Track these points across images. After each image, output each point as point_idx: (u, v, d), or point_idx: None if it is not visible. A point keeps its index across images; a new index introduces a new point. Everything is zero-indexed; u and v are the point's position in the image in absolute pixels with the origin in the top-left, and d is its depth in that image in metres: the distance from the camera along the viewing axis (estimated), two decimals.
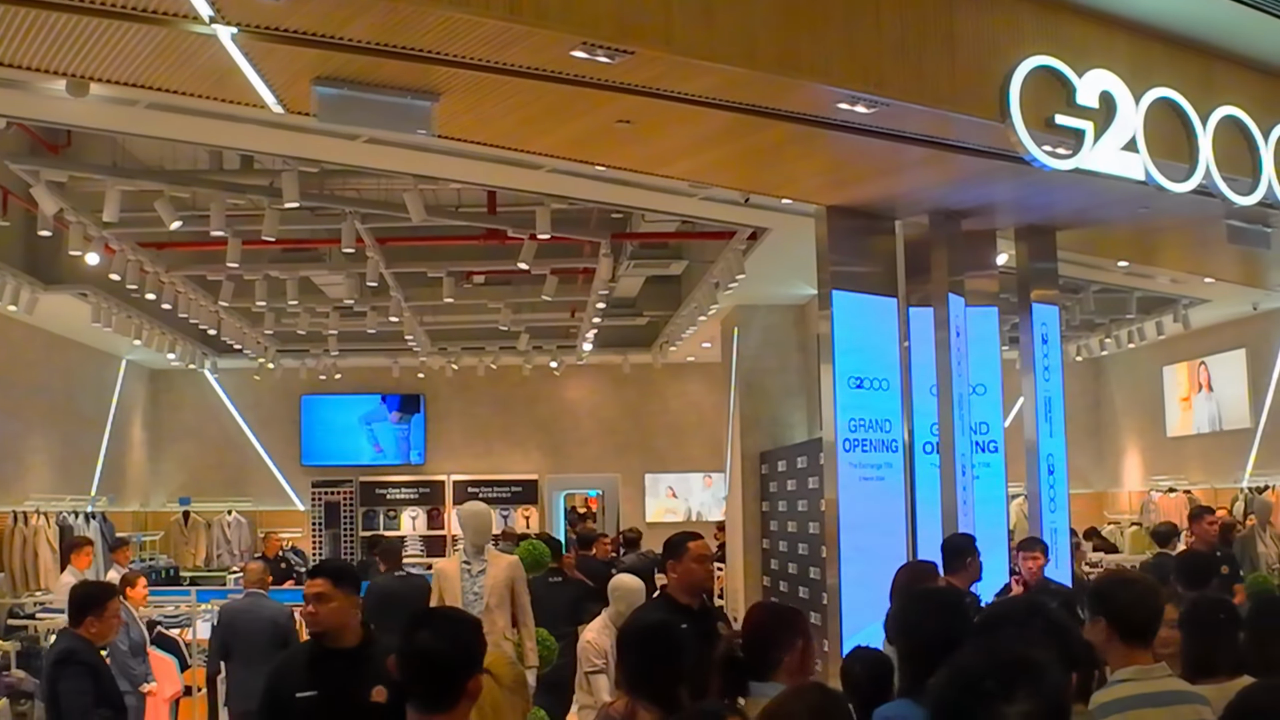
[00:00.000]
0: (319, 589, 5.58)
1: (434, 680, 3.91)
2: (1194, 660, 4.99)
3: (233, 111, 8.65)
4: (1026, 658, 2.60)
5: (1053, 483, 11.77)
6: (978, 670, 2.56)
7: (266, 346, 21.82)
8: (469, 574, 9.69)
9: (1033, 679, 2.52)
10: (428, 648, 3.95)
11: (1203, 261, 15.21)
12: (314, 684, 5.41)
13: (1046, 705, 2.50)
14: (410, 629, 4.07)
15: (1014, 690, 2.48)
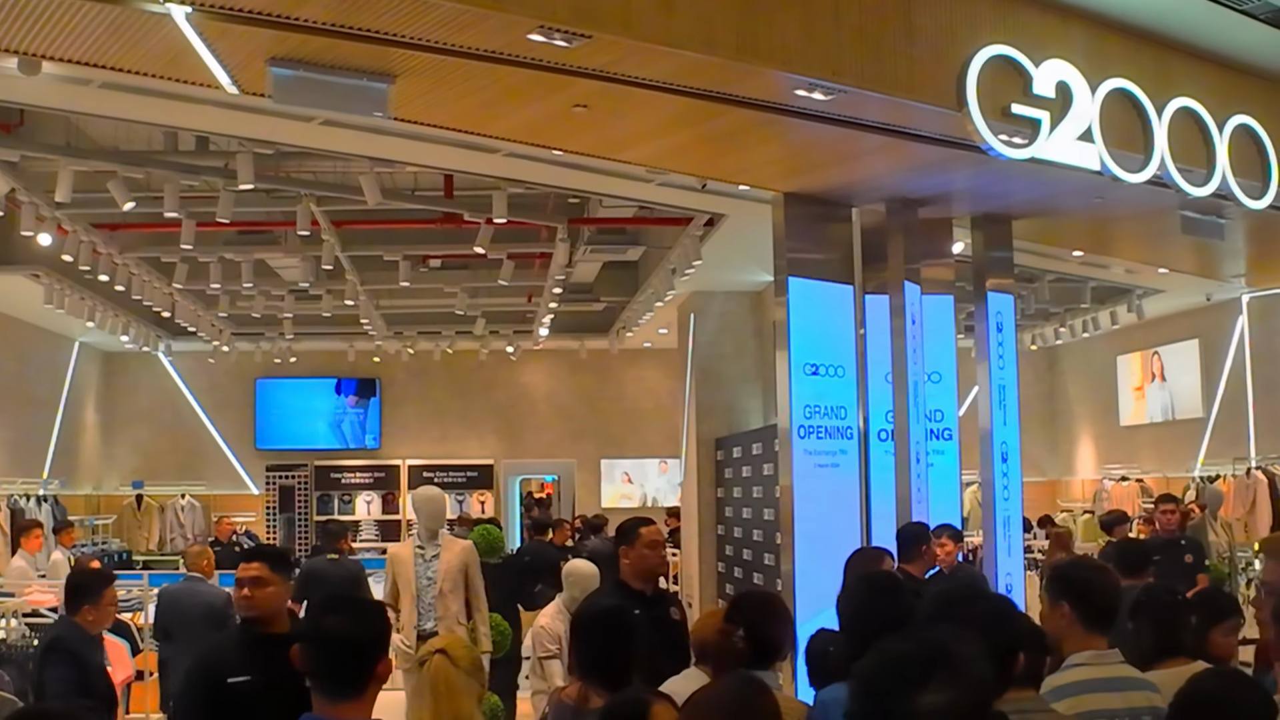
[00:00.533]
0: (255, 573, 5.52)
1: (340, 665, 3.86)
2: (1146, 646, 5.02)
3: (187, 92, 8.57)
4: (948, 648, 2.60)
5: (1006, 471, 11.82)
6: (899, 657, 2.57)
7: (221, 329, 21.67)
8: (423, 559, 9.68)
9: (952, 670, 2.53)
10: (333, 633, 3.91)
11: (1157, 252, 15.30)
12: (247, 669, 5.31)
13: (963, 696, 2.50)
14: (316, 615, 4.04)
15: (930, 678, 2.49)
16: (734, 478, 16.09)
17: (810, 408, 10.95)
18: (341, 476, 25.50)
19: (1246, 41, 10.30)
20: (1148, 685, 4.48)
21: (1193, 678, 3.54)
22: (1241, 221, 12.23)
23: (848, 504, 11.11)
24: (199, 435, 25.16)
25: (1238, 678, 3.52)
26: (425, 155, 11.03)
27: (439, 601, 9.59)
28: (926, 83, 8.53)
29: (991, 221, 12.03)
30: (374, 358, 24.08)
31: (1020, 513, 12.14)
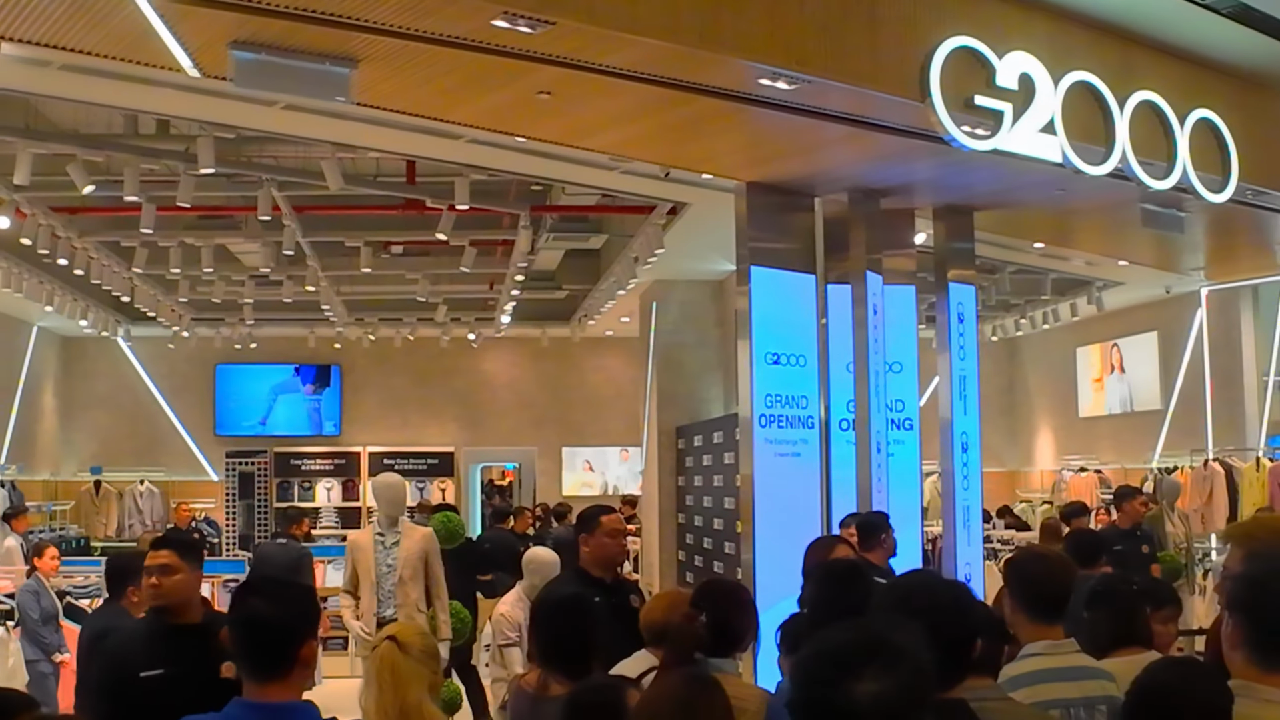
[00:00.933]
0: (163, 560, 5.40)
1: (265, 647, 3.85)
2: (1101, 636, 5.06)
3: (148, 75, 8.51)
4: (886, 637, 2.61)
5: (966, 461, 11.87)
6: (834, 645, 2.58)
7: (181, 315, 21.53)
8: (382, 546, 9.66)
9: (889, 658, 2.53)
10: (257, 613, 3.90)
11: (1117, 245, 15.39)
12: (159, 662, 5.21)
13: (901, 685, 2.51)
14: (241, 596, 4.02)
15: (866, 668, 2.50)
16: (695, 466, 16.11)
17: (771, 397, 10.96)
18: (302, 463, 25.39)
19: (1209, 36, 10.35)
20: (1103, 675, 4.50)
21: (1148, 667, 3.56)
22: (1201, 215, 12.31)
23: (808, 493, 11.14)
24: (158, 421, 25.01)
25: (1193, 667, 3.55)
26: (387, 141, 10.98)
27: (399, 589, 9.56)
28: (890, 73, 8.54)
29: (953, 212, 12.06)
30: (335, 344, 23.98)
31: (980, 502, 12.20)
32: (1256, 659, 3.67)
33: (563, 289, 20.95)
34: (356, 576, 9.72)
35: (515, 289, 18.49)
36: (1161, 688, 3.39)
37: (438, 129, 9.93)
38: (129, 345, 24.36)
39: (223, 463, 24.90)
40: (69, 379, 24.75)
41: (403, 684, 4.39)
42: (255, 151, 13.28)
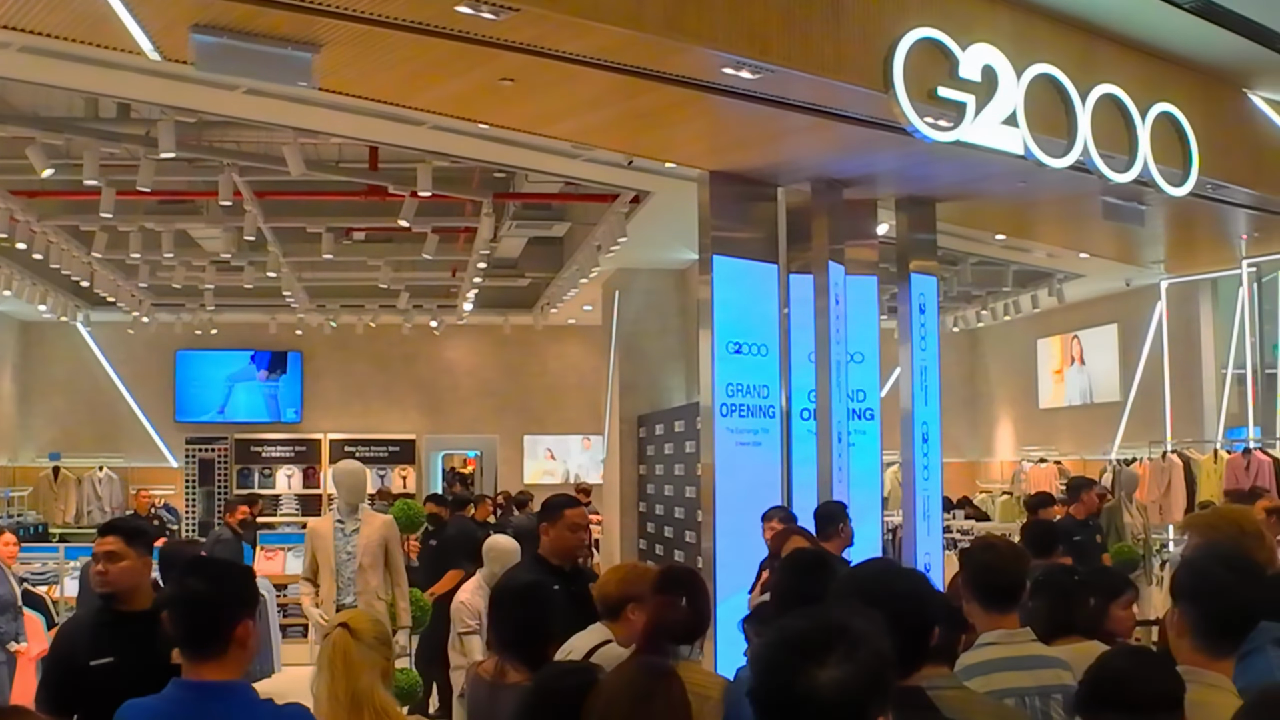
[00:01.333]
0: (110, 547, 5.33)
1: (197, 625, 3.86)
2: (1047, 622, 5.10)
3: (109, 58, 8.46)
4: (845, 624, 2.61)
5: (927, 451, 11.91)
6: (795, 633, 2.58)
7: (141, 300, 21.40)
8: (342, 533, 9.61)
9: (849, 645, 2.53)
10: (191, 592, 3.93)
11: (1078, 237, 15.47)
12: (108, 650, 5.14)
13: (860, 671, 2.51)
14: (179, 575, 4.02)
15: (827, 654, 2.50)
16: (656, 455, 16.12)
17: (733, 386, 10.98)
18: (262, 450, 25.30)
19: (1171, 30, 10.40)
20: (1059, 663, 4.53)
21: (1102, 655, 3.58)
22: (1162, 208, 12.38)
23: (769, 482, 11.15)
24: (117, 407, 24.86)
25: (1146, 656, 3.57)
26: (350, 126, 10.94)
27: (358, 576, 9.53)
28: (853, 64, 8.55)
29: (916, 204, 12.10)
30: (296, 330, 23.87)
31: (940, 493, 12.25)
32: (1203, 646, 3.73)
33: (525, 277, 20.91)
34: (316, 564, 9.67)
35: (478, 276, 18.46)
36: (1114, 676, 3.41)
37: (400, 115, 9.89)
38: (88, 330, 24.19)
39: (183, 449, 24.78)
40: (28, 364, 24.58)
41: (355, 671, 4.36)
42: (217, 136, 13.19)
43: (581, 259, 16.45)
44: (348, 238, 18.67)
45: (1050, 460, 21.00)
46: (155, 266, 18.85)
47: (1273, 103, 12.20)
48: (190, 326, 23.17)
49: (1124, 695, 3.33)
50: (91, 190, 13.14)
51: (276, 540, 16.40)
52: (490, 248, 16.85)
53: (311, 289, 21.10)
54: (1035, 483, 19.73)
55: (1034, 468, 21.05)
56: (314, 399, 25.51)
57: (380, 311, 22.78)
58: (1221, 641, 3.77)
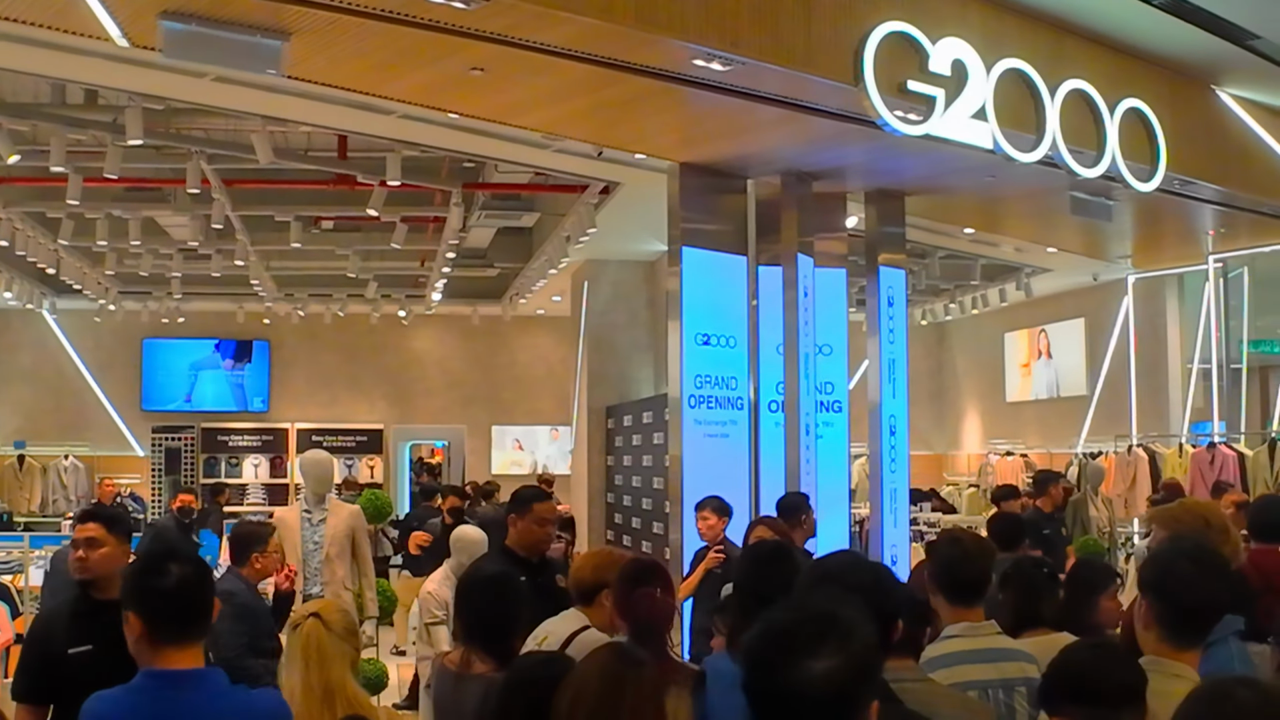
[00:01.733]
0: (90, 533, 5.33)
1: (193, 611, 3.90)
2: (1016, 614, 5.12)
3: (76, 44, 8.40)
4: (835, 614, 2.62)
5: (894, 443, 11.95)
6: (787, 625, 2.58)
7: (107, 288, 21.29)
8: (309, 523, 9.59)
9: (840, 635, 2.54)
10: (182, 579, 3.92)
11: (1046, 232, 15.53)
12: (87, 638, 5.10)
13: (852, 661, 2.52)
14: (160, 562, 4.02)
15: (821, 645, 2.51)
16: (624, 446, 16.12)
17: (701, 378, 10.99)
18: (229, 439, 25.18)
19: (1140, 26, 10.45)
20: (1023, 656, 4.55)
21: (1065, 649, 3.61)
22: (1129, 204, 12.44)
23: (737, 474, 11.18)
24: (83, 395, 24.70)
25: (1109, 650, 3.60)
26: (319, 115, 10.89)
27: (325, 566, 9.50)
28: (823, 57, 8.56)
29: (885, 197, 12.12)
30: (264, 319, 23.78)
31: (907, 485, 12.29)
32: (1168, 637, 3.76)
33: (494, 267, 20.87)
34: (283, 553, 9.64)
35: (446, 266, 18.42)
36: (1076, 669, 3.43)
37: (370, 104, 9.86)
38: (54, 318, 24.03)
39: (149, 438, 24.65)
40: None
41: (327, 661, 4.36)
42: (184, 123, 13.13)
43: (550, 250, 16.43)
44: (316, 226, 18.60)
45: (1017, 453, 21.09)
46: (122, 254, 18.75)
47: (1240, 100, 12.27)
48: (157, 315, 23.05)
49: (1086, 688, 3.36)
50: (58, 177, 13.06)
51: None
52: (459, 238, 16.81)
53: (279, 278, 21.03)
54: (1002, 475, 19.81)
55: (1000, 460, 21.12)
56: (281, 388, 25.40)
57: (348, 301, 22.72)
58: (1187, 634, 3.81)
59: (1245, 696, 2.64)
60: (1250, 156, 12.50)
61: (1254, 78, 11.71)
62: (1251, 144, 12.48)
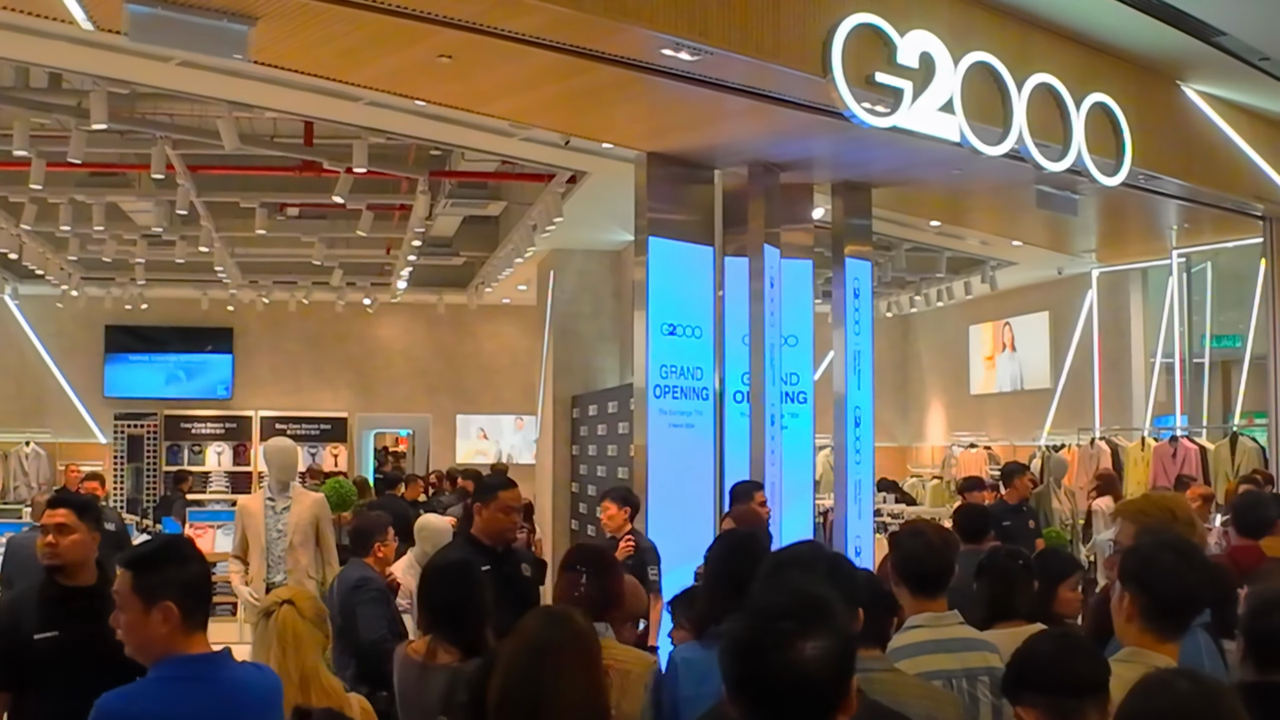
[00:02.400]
0: (61, 519, 5.32)
1: (202, 604, 3.99)
2: (990, 606, 5.14)
3: (40, 26, 8.35)
4: (820, 597, 2.63)
5: (859, 435, 11.97)
6: (775, 610, 2.58)
7: (70, 273, 21.16)
8: (273, 511, 9.57)
9: (826, 618, 2.56)
10: (202, 574, 4.05)
11: (1012, 225, 15.59)
12: (53, 624, 5.13)
13: (838, 641, 2.54)
14: (182, 556, 4.08)
15: (810, 627, 2.51)
16: (589, 435, 16.12)
17: (667, 368, 10.98)
18: (192, 426, 25.06)
19: (1106, 21, 10.49)
20: (986, 646, 4.58)
21: (1029, 639, 3.63)
22: (1094, 198, 12.50)
23: (702, 464, 11.17)
24: (44, 382, 24.53)
25: (1073, 640, 3.62)
26: (285, 101, 10.85)
27: (289, 554, 9.48)
28: (792, 48, 8.56)
29: (852, 189, 12.13)
30: (228, 306, 23.69)
31: (872, 477, 12.32)
32: (1150, 629, 3.79)
33: (460, 256, 20.82)
34: (246, 541, 9.62)
35: (412, 254, 18.38)
36: (1040, 659, 3.45)
37: (336, 90, 9.83)
38: (16, 304, 23.86)
39: (111, 425, 24.51)
40: None
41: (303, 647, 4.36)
42: (149, 108, 13.05)
43: (517, 239, 16.41)
44: (281, 213, 18.53)
45: (980, 446, 21.16)
46: (85, 240, 18.63)
47: (1206, 96, 12.33)
48: (120, 301, 22.91)
49: (1048, 678, 3.38)
50: (21, 161, 12.97)
51: (206, 518, 16.25)
52: (425, 226, 16.77)
53: (244, 265, 20.93)
54: (965, 468, 19.88)
55: (964, 453, 21.20)
56: (245, 376, 25.28)
57: (313, 289, 22.64)
58: (1168, 625, 3.83)
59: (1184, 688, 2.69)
60: (1215, 152, 12.57)
61: (1220, 74, 11.76)
62: (1216, 140, 12.54)
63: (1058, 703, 3.34)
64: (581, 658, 3.59)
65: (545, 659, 3.52)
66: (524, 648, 3.57)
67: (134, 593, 3.86)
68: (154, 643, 3.83)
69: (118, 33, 7.55)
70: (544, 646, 3.55)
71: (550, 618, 3.73)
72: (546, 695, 3.45)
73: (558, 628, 3.63)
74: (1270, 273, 14.25)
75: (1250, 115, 12.89)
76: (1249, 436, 15.82)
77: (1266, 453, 14.90)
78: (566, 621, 3.69)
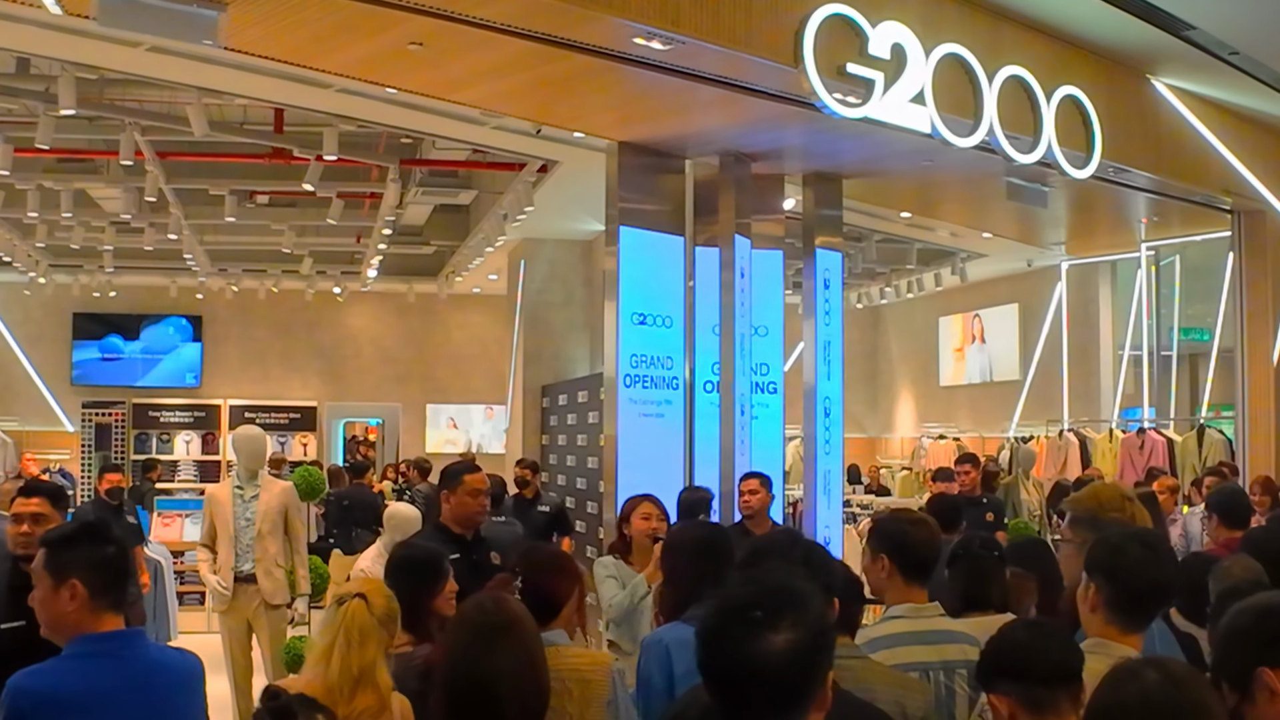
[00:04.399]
0: (35, 508, 5.35)
1: (122, 587, 4.07)
2: (962, 595, 5.15)
3: (7, 10, 8.30)
4: (791, 586, 2.63)
5: (829, 425, 11.99)
6: (744, 600, 2.58)
7: (38, 260, 21.03)
8: (241, 499, 9.53)
9: (797, 607, 2.55)
10: (120, 556, 4.09)
11: (982, 217, 15.64)
12: (20, 614, 4.89)
13: (810, 633, 2.53)
14: (100, 531, 4.12)
15: (780, 618, 2.51)
16: (559, 425, 16.12)
17: (637, 357, 10.98)
18: (160, 415, 24.94)
19: (1077, 14, 10.52)
20: (965, 638, 4.56)
21: (1003, 627, 3.63)
22: (1064, 190, 12.55)
23: (672, 453, 11.18)
24: (11, 369, 24.37)
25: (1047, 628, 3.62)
26: (255, 87, 10.81)
27: (257, 543, 9.44)
28: (764, 38, 8.56)
29: (823, 180, 12.15)
30: (196, 294, 23.59)
31: (841, 467, 12.35)
32: (1115, 620, 3.80)
33: (431, 244, 20.78)
34: (214, 530, 9.58)
35: (382, 243, 18.33)
36: (1013, 647, 3.46)
37: (307, 77, 9.80)
38: None
39: (78, 413, 24.38)
40: None
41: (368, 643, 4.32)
42: (118, 94, 12.97)
43: (487, 228, 16.39)
44: (251, 201, 18.44)
45: (950, 437, 21.24)
46: (53, 226, 18.52)
47: (1175, 89, 12.38)
48: (88, 288, 22.79)
49: (1022, 666, 3.38)
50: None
51: (174, 506, 16.20)
52: (396, 214, 16.74)
53: (213, 252, 20.82)
54: (934, 459, 19.94)
55: (934, 444, 21.26)
56: (214, 364, 25.16)
57: (283, 277, 22.57)
58: (1134, 616, 3.85)
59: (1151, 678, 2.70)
60: (1184, 146, 12.62)
61: (1189, 68, 11.81)
62: (1185, 133, 12.59)
63: (1030, 691, 3.34)
64: (519, 637, 3.69)
65: (485, 642, 3.62)
66: (464, 633, 3.62)
67: (45, 569, 3.96)
68: (63, 620, 3.91)
69: (86, 17, 7.50)
70: (482, 630, 3.64)
71: (483, 604, 3.83)
72: (490, 675, 3.54)
73: (493, 613, 3.73)
74: (1238, 266, 14.31)
75: (1220, 109, 12.94)
76: (1216, 429, 15.93)
77: (1233, 445, 14.99)
78: (500, 606, 3.79)
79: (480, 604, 3.87)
